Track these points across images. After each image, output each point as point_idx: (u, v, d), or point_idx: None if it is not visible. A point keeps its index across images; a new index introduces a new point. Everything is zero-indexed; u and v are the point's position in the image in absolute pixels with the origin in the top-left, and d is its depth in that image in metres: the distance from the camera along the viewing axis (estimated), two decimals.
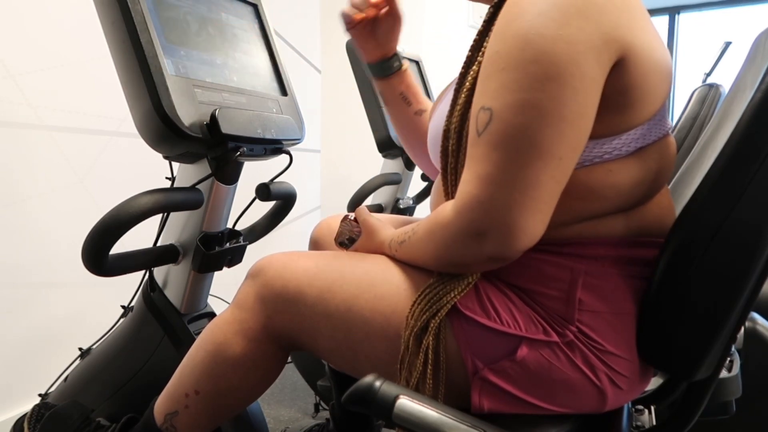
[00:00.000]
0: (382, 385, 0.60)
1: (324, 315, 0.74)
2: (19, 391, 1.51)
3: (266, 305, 0.77)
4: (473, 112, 0.64)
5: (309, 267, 0.77)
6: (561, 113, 0.58)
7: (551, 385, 0.67)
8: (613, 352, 0.68)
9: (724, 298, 0.65)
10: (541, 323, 0.68)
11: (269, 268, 0.78)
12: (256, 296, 0.78)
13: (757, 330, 1.26)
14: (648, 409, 0.91)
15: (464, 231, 0.63)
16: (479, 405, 0.68)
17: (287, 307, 0.76)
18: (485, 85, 0.63)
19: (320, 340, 0.76)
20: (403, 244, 0.76)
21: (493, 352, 0.68)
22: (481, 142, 0.61)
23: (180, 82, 0.86)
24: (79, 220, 1.10)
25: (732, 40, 2.65)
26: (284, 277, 0.77)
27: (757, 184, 0.62)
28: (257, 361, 0.78)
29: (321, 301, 0.74)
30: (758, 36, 0.86)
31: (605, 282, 0.68)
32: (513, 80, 0.59)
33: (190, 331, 1.05)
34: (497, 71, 0.61)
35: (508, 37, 0.61)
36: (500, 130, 0.60)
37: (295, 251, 0.82)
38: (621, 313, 0.69)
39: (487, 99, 0.62)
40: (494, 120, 0.60)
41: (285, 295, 0.76)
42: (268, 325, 0.77)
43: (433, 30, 2.67)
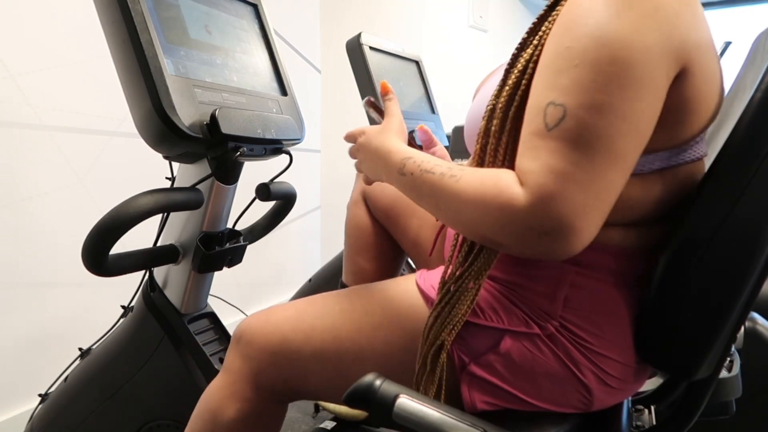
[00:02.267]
0: (382, 384, 0.60)
1: (312, 354, 0.76)
2: (19, 391, 1.51)
3: (252, 363, 0.78)
4: (538, 106, 0.60)
5: (289, 315, 0.80)
6: (637, 120, 0.57)
7: (535, 377, 0.68)
8: (601, 352, 0.68)
9: (724, 297, 0.65)
10: (523, 317, 0.69)
11: (249, 327, 0.81)
12: (242, 357, 0.79)
13: (757, 330, 1.26)
14: (648, 409, 0.91)
15: (531, 224, 0.57)
16: (470, 400, 0.69)
17: (273, 359, 0.77)
18: (554, 79, 0.60)
19: (311, 380, 0.77)
20: (428, 174, 0.67)
21: (477, 346, 0.69)
22: (553, 136, 0.58)
23: (180, 82, 0.86)
24: (79, 220, 1.10)
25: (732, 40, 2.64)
26: (265, 331, 0.79)
27: (757, 184, 0.62)
28: (253, 420, 0.79)
29: (307, 342, 0.76)
30: (758, 36, 0.86)
31: (596, 284, 0.68)
32: (589, 80, 0.57)
33: (190, 331, 1.06)
34: (570, 67, 0.58)
35: (581, 35, 0.59)
36: (576, 129, 0.57)
37: (274, 306, 0.84)
38: (611, 314, 0.69)
39: (558, 94, 0.59)
40: (569, 117, 0.57)
41: (270, 348, 0.78)
42: (257, 382, 0.78)
43: (433, 30, 2.67)
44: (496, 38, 3.12)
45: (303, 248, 2.85)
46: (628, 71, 0.56)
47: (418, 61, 1.99)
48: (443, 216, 0.67)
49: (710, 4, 4.54)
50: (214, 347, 1.09)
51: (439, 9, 2.70)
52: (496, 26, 3.11)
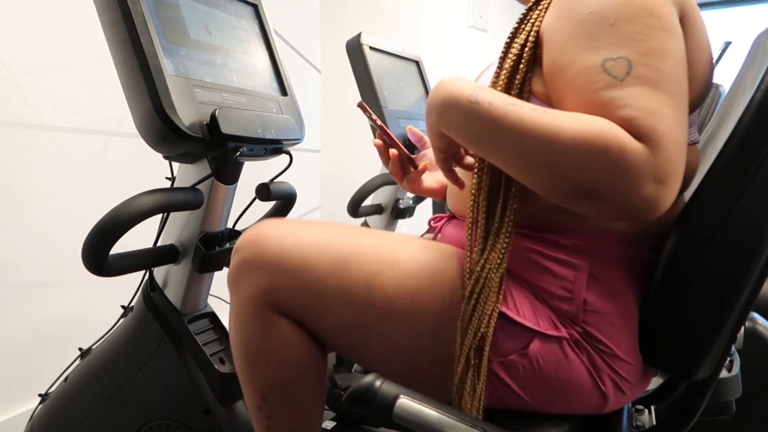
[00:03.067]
0: (382, 384, 0.60)
1: (337, 290, 0.67)
2: (19, 391, 1.51)
3: (262, 276, 0.68)
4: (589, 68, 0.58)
5: (317, 237, 0.69)
6: (685, 64, 0.59)
7: (554, 385, 0.67)
8: (619, 356, 0.67)
9: (724, 297, 0.65)
10: (552, 319, 0.68)
11: (264, 238, 0.69)
12: (249, 270, 0.69)
13: (757, 330, 1.26)
14: (648, 409, 0.91)
15: (648, 171, 0.53)
16: None
17: (292, 282, 0.68)
18: (594, 42, 0.58)
19: (327, 318, 0.69)
20: (511, 106, 0.59)
21: (506, 346, 0.67)
22: (631, 83, 0.55)
23: (180, 82, 0.86)
24: (79, 220, 1.10)
25: (732, 40, 2.64)
26: (285, 246, 0.68)
27: (757, 184, 0.62)
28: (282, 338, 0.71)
29: (334, 274, 0.67)
30: (758, 36, 0.86)
31: (609, 281, 0.68)
32: (635, 31, 0.58)
33: (190, 331, 1.05)
34: (607, 27, 0.58)
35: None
36: (650, 73, 0.56)
37: (293, 219, 0.73)
38: (625, 315, 0.68)
39: (610, 51, 0.57)
40: (636, 65, 0.56)
41: (289, 268, 0.68)
42: (269, 300, 0.69)
43: (433, 30, 2.67)
44: (496, 38, 3.12)
45: None
46: (663, 19, 0.58)
47: (418, 61, 1.99)
48: (528, 160, 0.58)
49: (710, 4, 4.53)
50: (214, 347, 1.09)
51: (439, 9, 2.70)
52: (496, 26, 3.11)
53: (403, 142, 0.94)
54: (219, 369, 1.03)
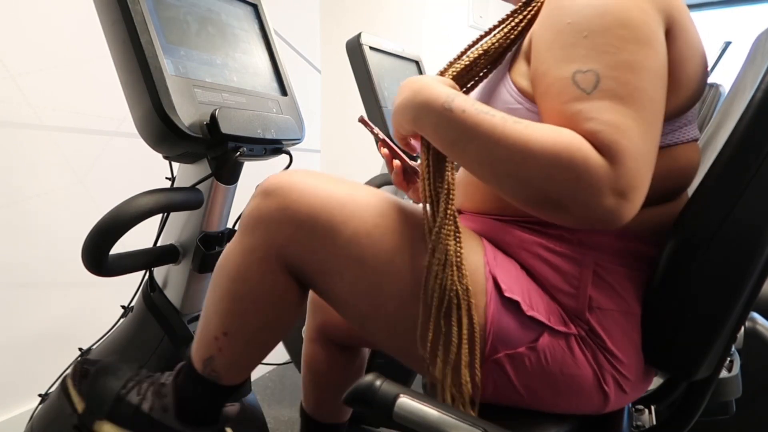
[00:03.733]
0: (382, 384, 0.60)
1: (356, 259, 0.66)
2: (19, 391, 1.51)
3: (282, 230, 0.67)
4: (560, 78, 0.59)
5: (344, 197, 0.68)
6: (661, 73, 0.60)
7: (557, 382, 0.67)
8: (619, 356, 0.67)
9: (724, 297, 0.65)
10: (562, 315, 0.68)
11: (291, 188, 0.68)
12: (270, 219, 0.68)
13: (757, 330, 1.26)
14: (648, 409, 0.91)
15: (610, 185, 0.54)
16: (483, 387, 0.68)
17: (311, 240, 0.67)
18: (567, 53, 0.60)
19: (339, 283, 0.69)
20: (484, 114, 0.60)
21: (516, 338, 0.66)
22: (597, 97, 0.57)
23: (180, 82, 0.86)
24: (79, 220, 1.10)
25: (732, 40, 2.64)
26: (312, 203, 0.67)
27: (757, 184, 0.62)
28: (275, 292, 0.71)
29: (356, 243, 0.66)
30: (758, 36, 0.86)
31: (613, 278, 0.68)
32: (606, 44, 0.58)
33: (190, 331, 1.05)
34: (580, 39, 0.59)
35: (578, 9, 0.61)
36: (616, 87, 0.57)
37: (319, 173, 0.72)
38: (628, 312, 0.68)
39: (580, 63, 0.59)
40: (604, 78, 0.57)
41: (310, 226, 0.66)
42: (280, 253, 0.69)
43: (433, 30, 2.67)
44: None
45: None
46: (636, 31, 0.58)
47: (418, 61, 1.99)
48: (496, 168, 0.59)
49: (710, 4, 4.53)
50: None
51: (439, 9, 2.70)
52: None
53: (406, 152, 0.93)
54: None
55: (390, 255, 0.67)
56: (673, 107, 0.66)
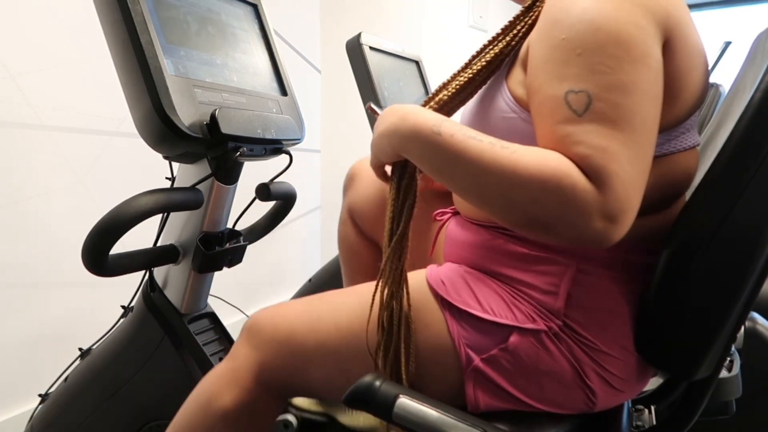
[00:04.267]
0: (382, 384, 0.60)
1: (315, 345, 0.75)
2: (19, 391, 1.51)
3: (258, 353, 0.77)
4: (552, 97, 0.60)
5: (299, 308, 0.79)
6: (654, 93, 0.59)
7: (540, 377, 0.68)
8: (603, 351, 0.68)
9: (724, 297, 0.65)
10: (529, 313, 0.69)
11: (259, 318, 0.80)
12: (249, 346, 0.78)
13: (757, 330, 1.26)
14: (648, 409, 0.91)
15: (598, 209, 0.55)
16: (474, 399, 0.69)
17: (279, 351, 0.76)
18: (561, 70, 0.60)
19: (313, 374, 0.76)
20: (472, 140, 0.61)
21: (485, 342, 0.68)
22: (588, 120, 0.57)
23: (180, 82, 0.86)
24: (79, 220, 1.10)
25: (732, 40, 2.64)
26: (275, 321, 0.78)
27: (756, 184, 0.62)
28: (248, 412, 0.77)
29: (311, 332, 0.75)
30: (758, 36, 0.86)
31: (598, 281, 0.68)
32: (600, 63, 0.58)
33: (190, 331, 1.06)
34: (574, 57, 0.59)
35: (572, 24, 0.60)
36: (608, 110, 0.57)
37: (282, 303, 0.83)
38: (613, 311, 0.69)
39: (573, 83, 0.58)
40: (595, 100, 0.57)
41: (277, 338, 0.77)
42: (260, 373, 0.77)
43: (433, 30, 2.67)
44: None
45: (303, 248, 2.85)
46: (631, 49, 0.58)
47: (418, 61, 1.99)
48: (484, 192, 0.60)
49: (710, 4, 4.53)
50: (214, 347, 1.09)
51: (439, 9, 2.70)
52: (496, 26, 3.11)
53: None
54: None
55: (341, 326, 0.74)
56: (672, 117, 0.65)
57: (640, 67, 0.58)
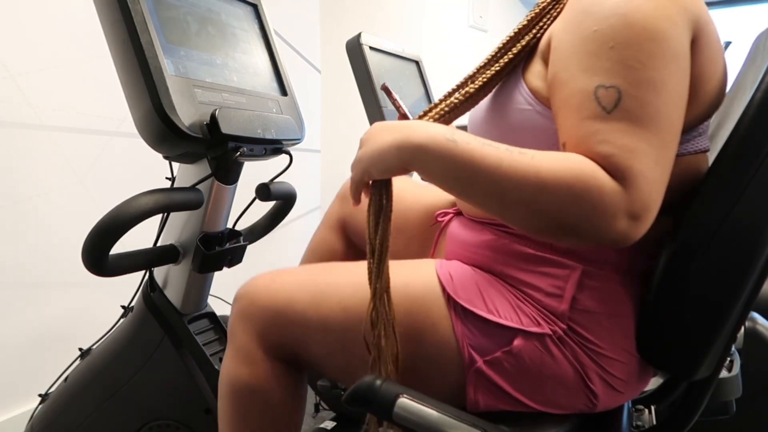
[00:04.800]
0: (382, 384, 0.60)
1: (316, 320, 0.73)
2: (19, 391, 1.51)
3: (255, 323, 0.75)
4: (582, 91, 0.59)
5: (298, 277, 0.77)
6: (682, 91, 0.58)
7: (542, 380, 0.68)
8: (607, 354, 0.68)
9: (724, 297, 0.65)
10: (534, 317, 0.69)
11: (253, 287, 0.78)
12: (244, 317, 0.76)
13: (757, 330, 1.26)
14: (648, 409, 0.91)
15: (624, 210, 0.54)
16: (474, 400, 0.69)
17: (276, 319, 0.74)
18: (592, 63, 0.59)
19: (312, 348, 0.75)
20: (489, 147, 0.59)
21: (489, 344, 0.68)
22: (617, 117, 0.56)
23: (180, 82, 0.86)
24: (79, 220, 1.10)
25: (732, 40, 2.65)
26: (271, 289, 0.76)
27: (757, 184, 0.62)
28: (269, 384, 0.76)
29: (313, 305, 0.73)
30: (758, 36, 0.86)
31: (602, 283, 0.68)
32: (632, 58, 0.57)
33: (190, 331, 1.06)
34: (606, 50, 0.58)
35: (605, 16, 0.59)
36: (638, 108, 0.56)
37: (282, 268, 0.81)
38: (617, 315, 0.69)
39: (604, 77, 0.58)
40: (625, 97, 0.57)
41: (274, 307, 0.75)
42: (262, 343, 0.75)
43: (433, 30, 2.67)
44: (496, 38, 3.12)
45: (303, 248, 2.84)
46: (664, 45, 0.57)
47: (418, 61, 1.99)
48: (505, 200, 0.58)
49: (710, 4, 4.53)
50: (214, 347, 1.09)
51: (439, 9, 2.70)
52: (496, 26, 3.11)
53: None
54: (219, 369, 1.03)
55: (344, 305, 0.72)
56: (691, 118, 0.64)
57: (672, 65, 0.57)
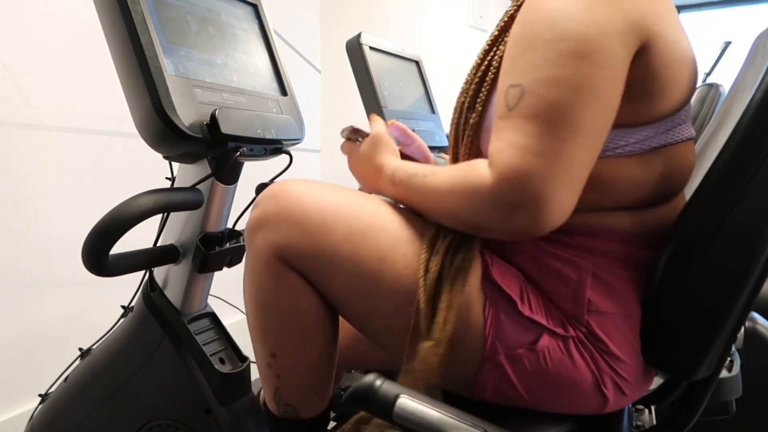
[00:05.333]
0: (382, 384, 0.60)
1: (349, 258, 0.68)
2: (19, 391, 1.51)
3: (279, 233, 0.69)
4: (501, 92, 0.63)
5: (338, 201, 0.71)
6: (592, 90, 0.59)
7: (557, 383, 0.67)
8: (619, 357, 0.67)
9: (724, 297, 0.65)
10: (561, 319, 0.68)
11: (284, 193, 0.71)
12: (268, 223, 0.70)
13: (757, 330, 1.26)
14: (648, 409, 0.91)
15: (500, 200, 0.59)
16: (482, 386, 0.68)
17: (304, 239, 0.69)
18: (512, 65, 0.63)
19: (335, 284, 0.71)
20: (414, 179, 0.70)
21: (515, 339, 0.67)
22: (514, 115, 0.60)
23: (180, 82, 0.86)
24: (79, 220, 1.10)
25: (732, 40, 2.64)
26: (305, 204, 0.69)
27: (757, 184, 0.62)
28: (298, 300, 0.72)
29: (349, 242, 0.68)
30: (758, 36, 0.86)
31: (612, 281, 0.68)
32: (542, 57, 0.60)
33: (190, 331, 1.05)
34: (523, 51, 0.62)
35: (534, 20, 0.62)
36: (534, 104, 0.59)
37: (315, 181, 0.75)
38: (627, 314, 0.69)
39: (515, 77, 0.62)
40: (526, 94, 0.60)
41: (305, 225, 0.69)
42: (283, 256, 0.70)
43: (433, 30, 2.67)
44: None
45: None
46: (579, 46, 0.58)
47: (418, 61, 1.99)
48: (432, 213, 0.70)
49: (710, 4, 4.53)
50: (214, 347, 1.09)
51: (439, 9, 2.70)
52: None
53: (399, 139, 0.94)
54: (219, 369, 1.03)
55: (382, 253, 0.69)
56: (664, 108, 0.66)
57: (585, 63, 0.58)
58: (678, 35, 0.66)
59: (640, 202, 0.69)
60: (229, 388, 1.03)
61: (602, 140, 0.62)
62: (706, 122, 2.11)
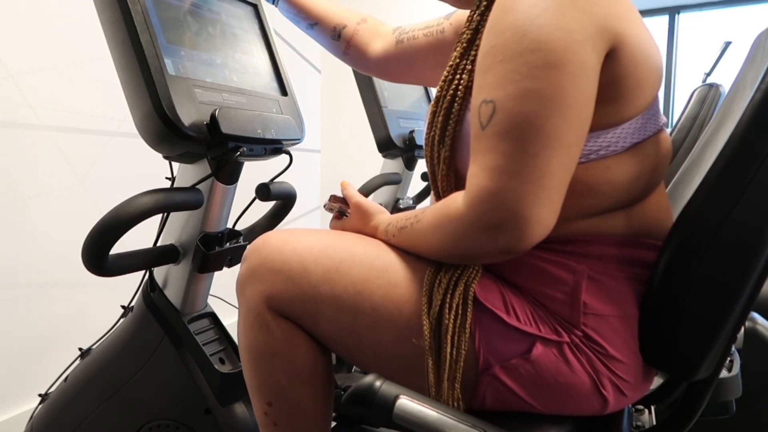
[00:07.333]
0: (382, 385, 0.60)
1: (329, 296, 0.71)
2: (19, 391, 1.51)
3: (264, 284, 0.72)
4: (474, 108, 0.63)
5: (313, 244, 0.74)
6: (565, 100, 0.58)
7: (556, 388, 0.67)
8: (618, 358, 0.67)
9: (724, 298, 0.65)
10: (552, 323, 0.68)
11: (265, 247, 0.74)
12: (253, 277, 0.73)
13: (757, 330, 1.26)
14: (648, 409, 0.91)
15: (477, 224, 0.61)
16: (482, 397, 0.68)
17: (287, 286, 0.71)
18: (484, 79, 0.62)
19: (322, 323, 0.72)
20: (404, 230, 0.73)
21: (507, 350, 0.67)
22: (486, 134, 0.61)
23: (180, 82, 0.86)
24: (79, 220, 1.10)
25: (732, 40, 2.65)
26: (284, 253, 0.73)
27: (757, 185, 0.62)
28: (290, 346, 0.73)
29: (327, 280, 0.71)
30: (758, 36, 0.86)
31: (609, 283, 0.68)
32: (513, 71, 0.59)
33: (190, 331, 1.05)
34: (495, 64, 0.61)
35: (502, 30, 0.61)
36: (505, 120, 0.59)
37: (294, 228, 0.78)
38: (625, 316, 0.68)
39: (487, 92, 0.61)
40: (498, 111, 0.59)
41: (286, 272, 0.71)
42: (272, 306, 0.73)
43: None
44: None
45: None
46: (550, 56, 0.58)
47: None
48: (427, 253, 0.71)
49: (710, 4, 4.53)
50: (214, 347, 1.09)
51: (438, 9, 2.70)
52: None
53: None
54: (219, 369, 1.03)
55: (359, 287, 0.71)
56: (639, 104, 0.66)
57: (557, 73, 0.58)
58: (642, 32, 0.66)
59: (633, 199, 0.69)
60: (229, 388, 1.03)
61: (579, 148, 0.62)
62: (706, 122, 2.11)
